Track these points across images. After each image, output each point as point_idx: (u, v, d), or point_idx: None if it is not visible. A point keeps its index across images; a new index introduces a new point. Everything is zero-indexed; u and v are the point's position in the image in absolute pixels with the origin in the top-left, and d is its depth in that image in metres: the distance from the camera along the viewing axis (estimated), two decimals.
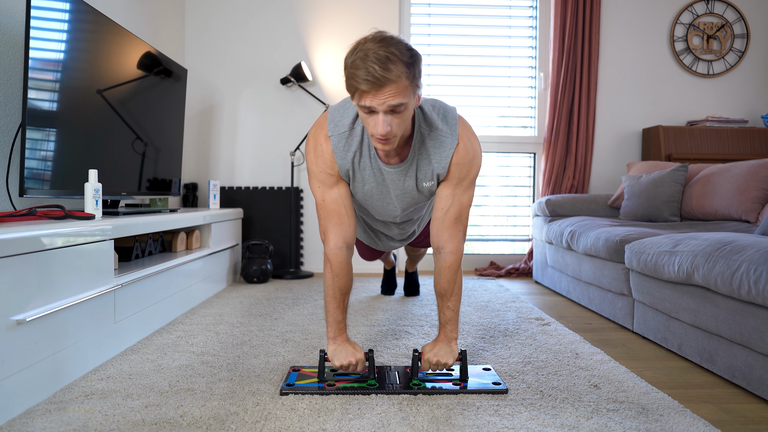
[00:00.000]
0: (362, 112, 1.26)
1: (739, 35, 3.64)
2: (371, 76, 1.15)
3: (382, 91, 1.18)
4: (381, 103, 1.20)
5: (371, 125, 1.26)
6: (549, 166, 3.57)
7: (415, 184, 1.47)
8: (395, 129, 1.25)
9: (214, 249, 2.72)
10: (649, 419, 1.23)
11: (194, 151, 3.51)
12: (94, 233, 1.56)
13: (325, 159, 1.42)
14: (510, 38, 3.70)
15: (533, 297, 2.87)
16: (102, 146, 2.06)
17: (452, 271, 1.47)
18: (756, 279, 1.31)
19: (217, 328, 2.04)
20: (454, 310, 1.50)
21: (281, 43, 3.50)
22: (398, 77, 1.17)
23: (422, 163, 1.43)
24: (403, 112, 1.24)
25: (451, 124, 1.41)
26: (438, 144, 1.40)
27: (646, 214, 2.78)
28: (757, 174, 2.35)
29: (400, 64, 1.17)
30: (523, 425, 1.20)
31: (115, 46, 2.12)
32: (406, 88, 1.20)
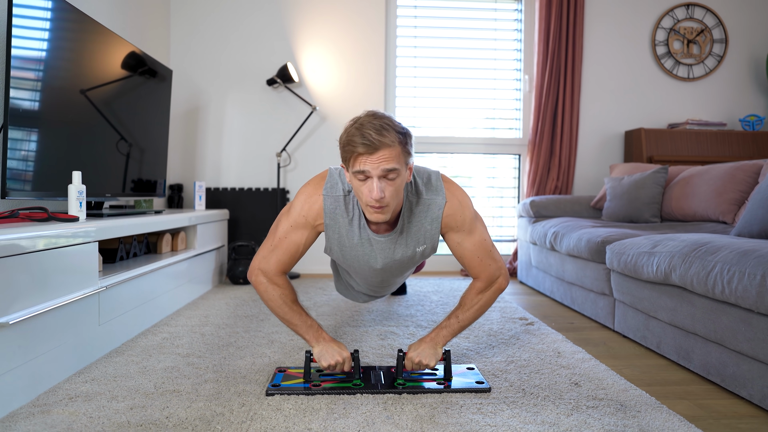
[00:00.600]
0: (356, 181, 1.31)
1: (718, 40, 3.73)
2: (367, 140, 1.25)
3: (377, 154, 1.26)
4: (375, 167, 1.27)
5: (365, 192, 1.30)
6: (533, 168, 3.62)
7: (405, 252, 1.52)
8: (388, 197, 1.30)
9: (200, 250, 2.72)
10: (627, 415, 1.27)
11: (180, 152, 3.50)
12: (77, 235, 1.56)
13: (313, 209, 1.48)
14: (496, 41, 3.74)
15: (518, 297, 2.90)
16: (86, 147, 2.05)
17: (478, 292, 1.55)
18: (729, 279, 1.36)
19: (203, 330, 2.04)
20: (461, 324, 1.54)
21: (268, 44, 3.50)
22: (392, 143, 1.27)
23: (413, 230, 1.49)
24: (396, 179, 1.30)
25: (437, 187, 1.49)
26: (426, 208, 1.47)
27: (627, 215, 2.83)
28: (734, 176, 2.41)
29: (393, 132, 1.28)
30: (505, 423, 1.23)
31: (98, 45, 2.11)
32: (399, 154, 1.29)
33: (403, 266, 1.59)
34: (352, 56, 3.55)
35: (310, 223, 1.49)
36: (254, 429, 1.20)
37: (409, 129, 1.35)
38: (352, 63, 3.55)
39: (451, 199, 1.48)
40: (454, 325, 1.54)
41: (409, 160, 1.34)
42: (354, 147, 1.26)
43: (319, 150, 3.55)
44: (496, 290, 1.56)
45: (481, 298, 1.55)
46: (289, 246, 1.51)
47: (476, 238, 1.52)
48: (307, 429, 1.20)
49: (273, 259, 1.51)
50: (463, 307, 1.55)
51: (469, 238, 1.51)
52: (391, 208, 1.34)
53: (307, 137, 3.55)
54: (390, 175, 1.28)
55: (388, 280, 1.71)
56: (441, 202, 1.47)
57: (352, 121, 1.32)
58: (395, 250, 1.51)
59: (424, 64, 3.70)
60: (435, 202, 1.47)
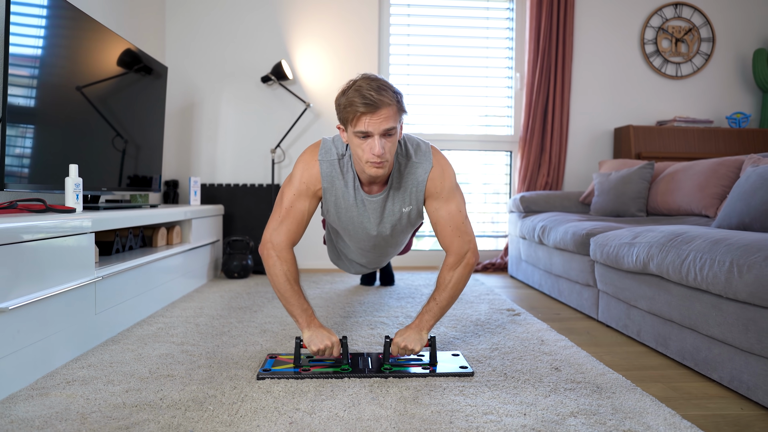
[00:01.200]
0: (356, 139, 1.39)
1: (705, 39, 3.79)
2: (368, 99, 1.33)
3: (378, 113, 1.35)
4: (377, 126, 1.36)
5: (366, 150, 1.39)
6: (524, 164, 3.68)
7: (393, 211, 1.61)
8: (387, 152, 1.40)
9: (195, 244, 2.77)
10: (602, 396, 1.33)
11: (175, 148, 3.54)
12: (74, 226, 1.60)
13: (312, 175, 1.56)
14: (488, 39, 3.80)
15: (507, 290, 2.96)
16: (82, 142, 2.10)
17: (448, 268, 1.59)
18: (701, 266, 1.41)
19: (198, 320, 2.08)
20: (440, 305, 1.58)
21: (262, 41, 3.55)
22: (390, 101, 1.36)
23: (400, 190, 1.58)
24: (394, 136, 1.41)
25: (424, 151, 1.58)
26: (413, 171, 1.56)
27: (614, 210, 2.89)
28: (716, 171, 2.47)
29: (390, 91, 1.38)
30: (485, 403, 1.29)
31: (94, 43, 2.15)
32: (395, 113, 1.39)
33: (393, 228, 1.66)
34: (346, 54, 3.60)
35: (311, 189, 1.57)
36: (245, 409, 1.25)
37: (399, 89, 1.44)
38: (345, 60, 3.59)
39: (437, 165, 1.57)
40: (434, 308, 1.59)
41: (403, 117, 1.44)
42: (356, 107, 1.34)
43: None
44: (466, 265, 1.59)
45: (453, 275, 1.58)
46: (296, 215, 1.58)
47: (452, 207, 1.58)
48: (295, 409, 1.25)
49: (283, 230, 1.57)
50: (439, 287, 1.59)
51: (445, 205, 1.58)
52: (389, 163, 1.44)
53: (301, 134, 3.60)
54: (390, 131, 1.38)
55: (379, 246, 1.77)
56: (427, 167, 1.56)
57: (349, 83, 1.39)
58: (385, 209, 1.60)
59: (417, 62, 3.75)
60: (422, 165, 1.56)
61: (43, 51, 1.85)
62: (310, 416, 1.21)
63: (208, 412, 1.23)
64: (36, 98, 1.82)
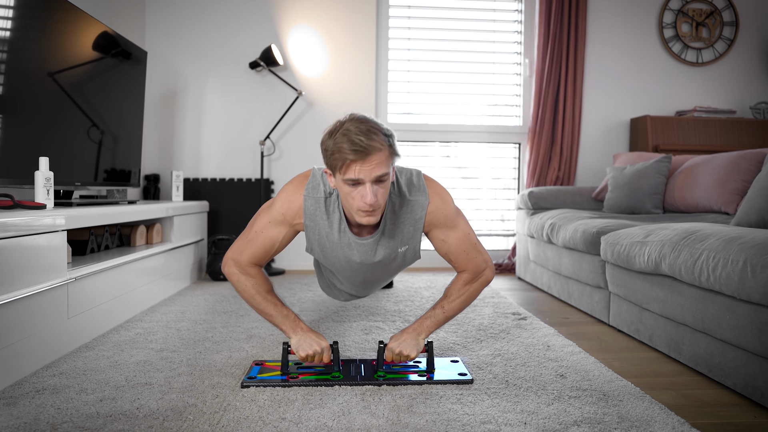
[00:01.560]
0: (346, 187, 1.37)
1: (728, 23, 3.80)
2: (358, 146, 1.30)
3: (369, 160, 1.32)
4: (368, 173, 1.33)
5: (357, 198, 1.36)
6: (534, 157, 3.69)
7: (387, 253, 1.58)
8: (380, 199, 1.38)
9: (177, 244, 2.79)
10: (608, 404, 1.35)
11: (156, 140, 3.56)
12: (45, 224, 1.62)
13: (293, 209, 1.55)
14: (495, 22, 3.80)
15: (514, 293, 2.98)
16: (54, 133, 2.11)
17: (465, 283, 1.63)
18: (714, 266, 1.43)
19: (179, 325, 2.10)
20: (447, 314, 1.62)
21: (250, 24, 3.56)
22: (381, 146, 1.33)
23: (396, 231, 1.55)
24: (386, 182, 1.38)
25: (420, 186, 1.55)
26: (409, 210, 1.54)
27: (629, 207, 2.91)
28: (737, 165, 2.49)
29: (381, 134, 1.34)
30: (484, 411, 1.31)
31: (67, 26, 2.17)
32: (387, 158, 1.36)
33: (385, 268, 1.66)
34: (342, 38, 3.61)
35: (288, 221, 1.56)
36: (227, 419, 1.27)
37: (390, 129, 1.41)
38: (341, 45, 3.61)
39: (434, 196, 1.55)
40: (438, 315, 1.62)
41: (395, 160, 1.41)
42: (345, 154, 1.30)
43: (305, 138, 3.61)
44: (483, 282, 1.64)
45: (467, 289, 1.62)
46: (264, 241, 1.58)
47: (460, 232, 1.60)
48: (281, 419, 1.27)
49: (246, 252, 1.59)
50: (449, 297, 1.63)
51: (452, 233, 1.59)
52: (381, 209, 1.41)
53: (292, 124, 3.61)
54: (382, 178, 1.35)
55: (370, 280, 1.77)
56: (424, 202, 1.54)
57: (336, 126, 1.36)
58: (376, 252, 1.57)
59: (418, 46, 3.76)
60: (419, 202, 1.54)
61: (10, 34, 1.87)
62: (296, 426, 1.23)
63: (188, 422, 1.25)
64: (3, 85, 1.83)
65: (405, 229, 1.55)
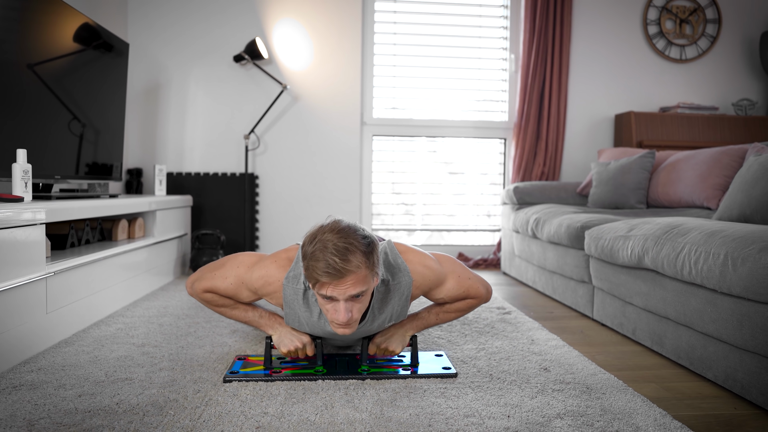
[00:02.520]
0: (321, 299, 1.31)
1: (711, 20, 3.84)
2: (331, 268, 1.23)
3: (343, 281, 1.25)
4: (342, 293, 1.27)
5: (331, 312, 1.31)
6: (519, 153, 3.70)
7: (372, 329, 1.53)
8: (356, 314, 1.32)
9: (160, 238, 2.75)
10: (591, 397, 1.35)
11: (139, 133, 3.51)
12: (22, 217, 1.59)
13: (268, 289, 1.49)
14: (480, 17, 3.80)
15: (499, 288, 2.99)
16: (34, 126, 2.07)
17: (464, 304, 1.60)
18: (696, 260, 1.45)
19: (161, 320, 2.08)
20: (439, 319, 1.63)
21: (235, 17, 3.52)
22: (357, 267, 1.25)
23: (380, 316, 1.49)
24: (363, 297, 1.32)
25: (398, 265, 1.48)
26: (395, 293, 1.48)
27: (613, 202, 2.93)
28: (719, 161, 2.52)
29: (358, 254, 1.26)
30: (467, 405, 1.30)
31: (47, 16, 2.12)
32: (365, 276, 1.28)
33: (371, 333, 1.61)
34: (327, 31, 3.58)
35: (261, 293, 1.52)
36: (208, 414, 1.25)
37: (373, 238, 1.33)
38: (326, 39, 3.58)
39: (415, 271, 1.49)
40: (430, 319, 1.61)
41: (377, 273, 1.34)
42: (318, 275, 1.24)
43: (290, 132, 3.59)
44: (481, 302, 1.61)
45: (463, 304, 1.59)
46: (228, 289, 1.53)
47: (451, 283, 1.55)
48: (263, 413, 1.26)
49: (207, 285, 1.54)
50: (445, 306, 1.60)
51: (444, 287, 1.54)
52: (357, 321, 1.35)
53: (277, 118, 3.58)
54: (358, 296, 1.29)
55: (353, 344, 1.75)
56: (408, 281, 1.47)
57: (316, 232, 1.29)
58: (362, 333, 1.53)
59: (404, 41, 3.75)
60: (402, 284, 1.47)
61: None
62: (279, 420, 1.22)
63: (168, 417, 1.23)
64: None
65: (393, 308, 1.50)
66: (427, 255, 1.55)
